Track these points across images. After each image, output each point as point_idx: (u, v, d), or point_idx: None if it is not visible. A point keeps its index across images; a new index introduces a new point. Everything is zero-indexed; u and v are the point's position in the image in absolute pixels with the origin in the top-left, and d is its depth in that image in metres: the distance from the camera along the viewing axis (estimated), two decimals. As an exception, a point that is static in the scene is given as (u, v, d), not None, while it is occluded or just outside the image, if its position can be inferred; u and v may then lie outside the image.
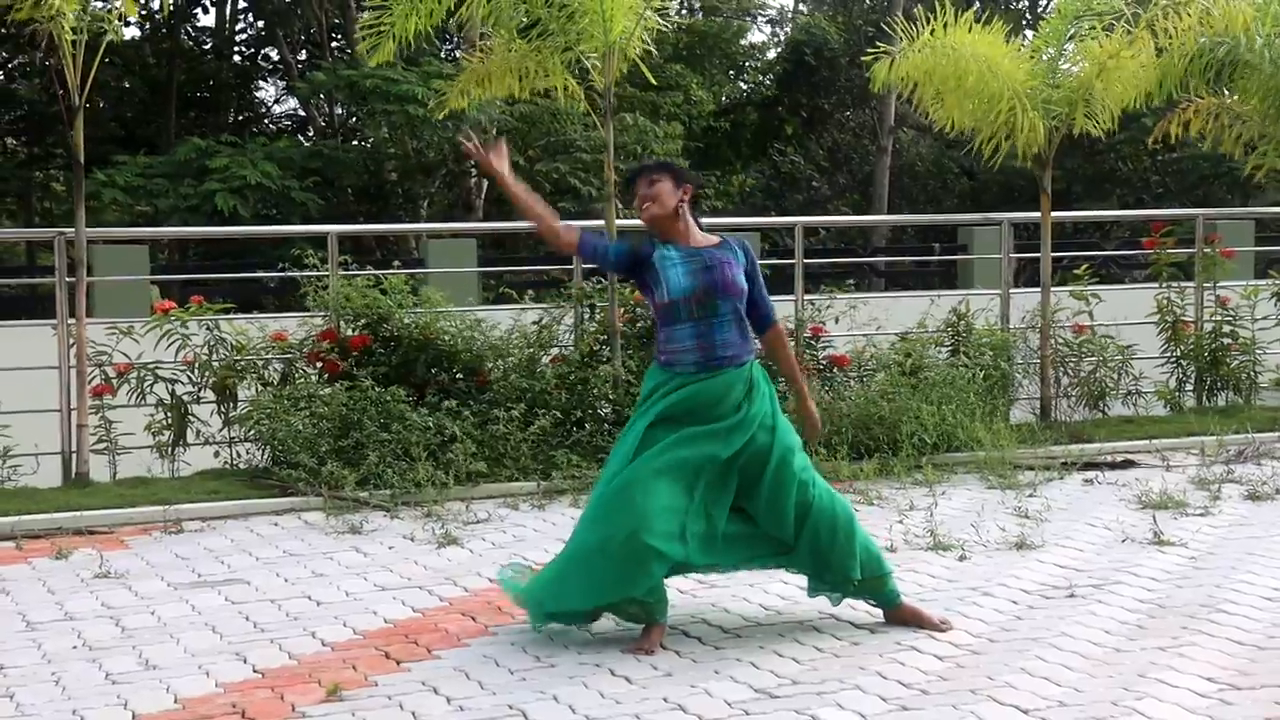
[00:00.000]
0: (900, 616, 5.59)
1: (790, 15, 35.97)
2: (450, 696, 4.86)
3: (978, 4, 27.36)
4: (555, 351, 9.15)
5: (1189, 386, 10.30)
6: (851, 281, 10.32)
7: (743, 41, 32.99)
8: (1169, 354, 10.31)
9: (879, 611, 5.67)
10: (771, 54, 34.39)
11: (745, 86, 33.14)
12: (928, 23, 9.44)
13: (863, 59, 10.03)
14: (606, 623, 5.61)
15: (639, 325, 9.22)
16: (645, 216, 5.47)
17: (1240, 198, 24.16)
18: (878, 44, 9.76)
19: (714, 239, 5.53)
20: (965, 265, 16.23)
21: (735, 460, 5.37)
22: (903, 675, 4.97)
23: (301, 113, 29.76)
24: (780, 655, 5.23)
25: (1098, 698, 4.69)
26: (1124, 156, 26.10)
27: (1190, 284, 10.52)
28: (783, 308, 9.66)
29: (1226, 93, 10.57)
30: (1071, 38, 9.57)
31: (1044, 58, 9.68)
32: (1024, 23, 26.37)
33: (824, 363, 9.37)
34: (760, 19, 35.00)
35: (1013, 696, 4.72)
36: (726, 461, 5.35)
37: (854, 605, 5.75)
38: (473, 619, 5.80)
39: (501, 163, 5.50)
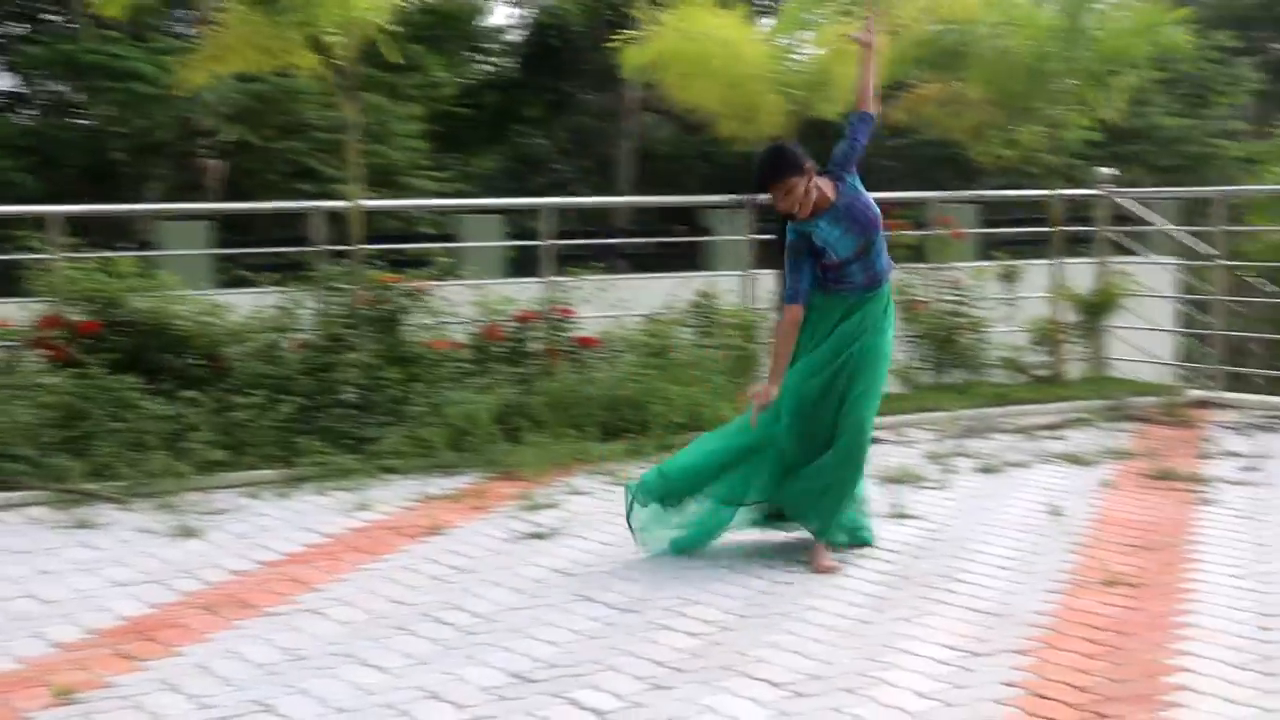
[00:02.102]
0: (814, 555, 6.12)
1: (532, -3, 35.81)
2: (192, 694, 4.67)
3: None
4: (298, 336, 8.90)
5: (924, 364, 10.59)
6: (601, 264, 10.29)
7: (483, 23, 32.71)
8: (905, 333, 10.58)
9: (631, 592, 5.69)
10: (513, 36, 34.20)
11: (487, 68, 32.87)
12: (669, 6, 9.48)
13: (610, 42, 10.00)
14: (351, 611, 5.50)
15: (384, 308, 9.03)
16: (792, 214, 6.03)
17: (965, 181, 25.03)
18: (624, 28, 9.75)
19: (834, 187, 6.09)
20: (707, 247, 16.43)
21: (851, 358, 6.09)
22: (656, 654, 4.98)
23: (20, 89, 28.29)
24: (534, 638, 5.18)
25: (846, 669, 4.78)
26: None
27: (924, 265, 10.83)
28: (529, 290, 9.67)
29: (955, 81, 10.92)
30: (810, 23, 9.73)
31: (784, 42, 9.82)
32: (766, 8, 26.75)
33: (572, 344, 9.34)
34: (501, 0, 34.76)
35: (765, 671, 4.77)
36: (851, 361, 6.09)
37: (609, 588, 5.77)
38: (214, 613, 5.58)
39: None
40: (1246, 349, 12.28)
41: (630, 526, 6.34)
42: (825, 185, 6.08)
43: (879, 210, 6.17)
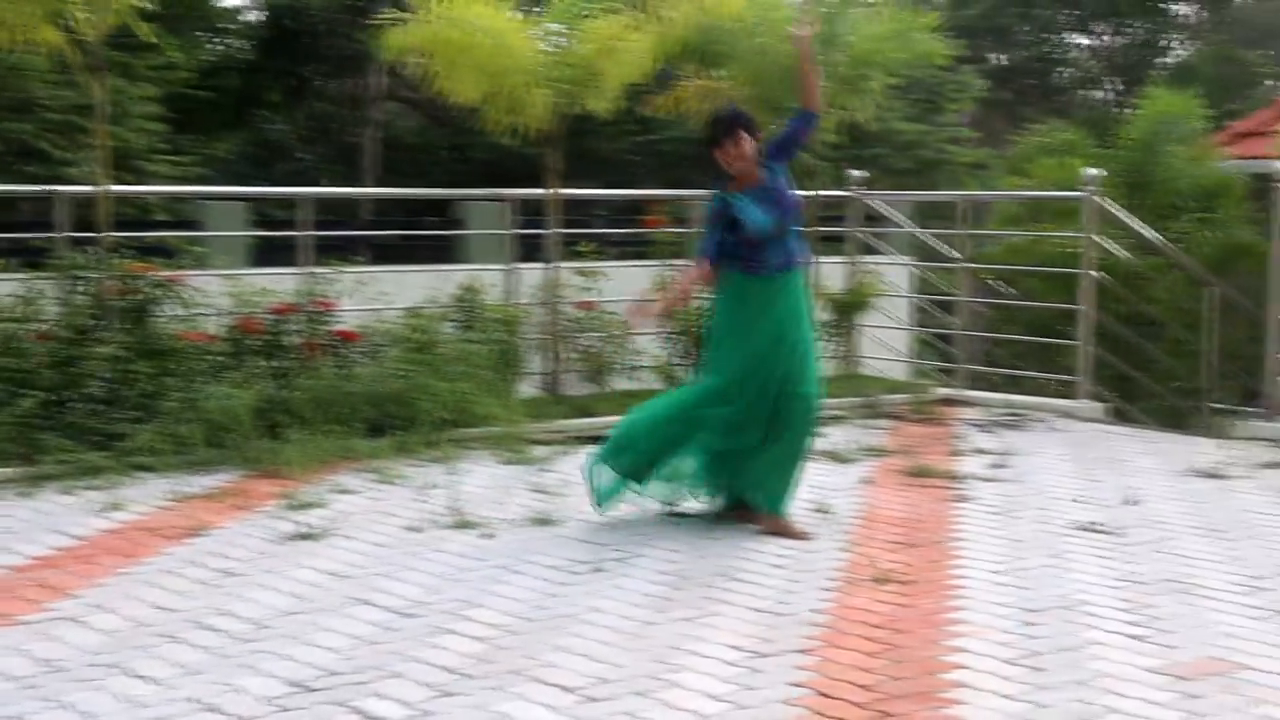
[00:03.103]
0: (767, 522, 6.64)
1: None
2: (-60, 713, 4.38)
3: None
4: (39, 327, 8.42)
5: (682, 360, 10.64)
6: (361, 258, 10.06)
7: (220, 3, 31.72)
8: (664, 329, 10.63)
9: (409, 595, 5.58)
10: (251, 17, 33.25)
11: (224, 50, 31.87)
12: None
13: (352, 27, 9.77)
14: (113, 619, 5.23)
15: (133, 299, 8.62)
16: (733, 170, 6.54)
17: (711, 178, 25.39)
18: (367, 14, 9.52)
19: (764, 171, 6.59)
20: (461, 241, 16.28)
21: (784, 345, 6.59)
22: (442, 659, 4.87)
23: None
24: (312, 645, 5.02)
25: (636, 672, 4.76)
26: (605, 137, 26.92)
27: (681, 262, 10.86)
28: (283, 281, 9.37)
29: (717, 75, 11.03)
30: (580, 16, 9.69)
31: (554, 36, 9.77)
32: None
33: (333, 338, 9.09)
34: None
35: (555, 676, 4.71)
36: (780, 350, 6.58)
37: (385, 590, 5.65)
38: (-41, 623, 5.26)
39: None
40: (988, 348, 12.77)
41: (592, 488, 6.82)
42: (758, 167, 6.62)
43: (797, 200, 6.70)
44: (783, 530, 6.59)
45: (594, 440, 8.68)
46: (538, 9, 10.09)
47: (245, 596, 5.60)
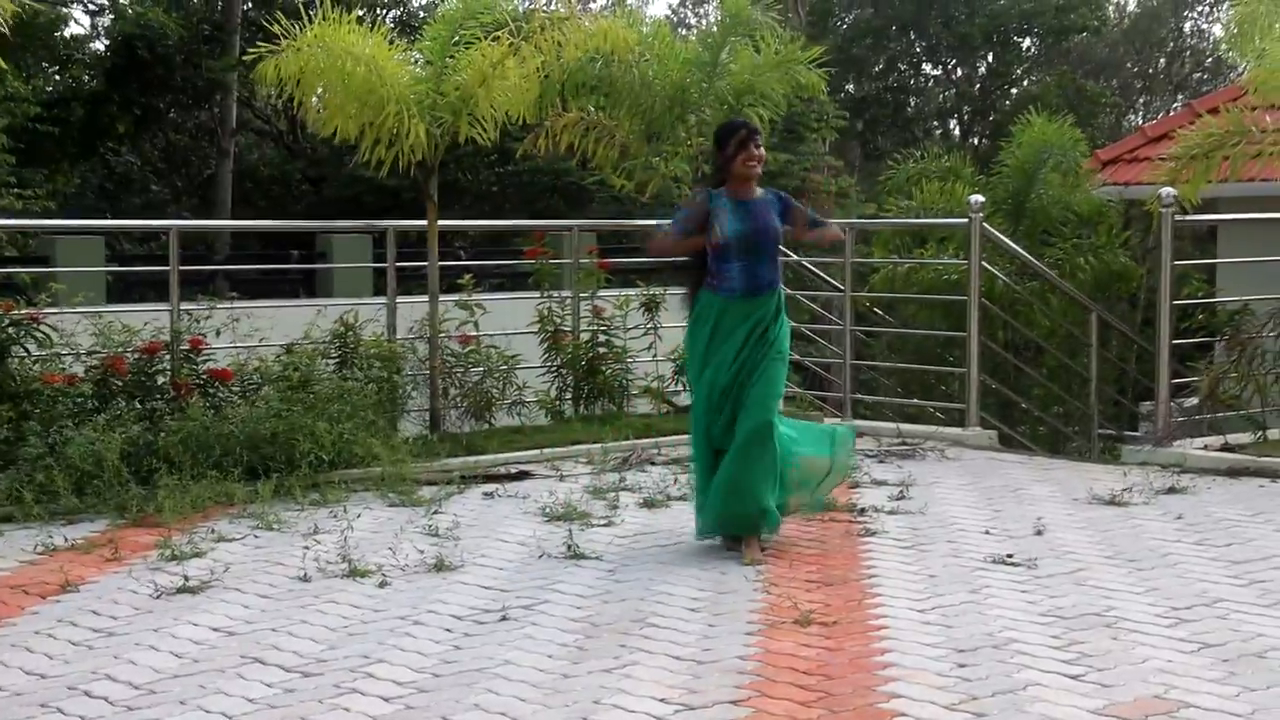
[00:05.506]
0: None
1: (113, 6, 33.82)
2: None
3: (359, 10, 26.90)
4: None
5: (569, 395, 10.37)
6: (234, 293, 9.61)
7: (65, 33, 30.76)
8: (549, 363, 10.34)
9: (306, 650, 5.22)
10: (98, 46, 32.30)
11: (70, 81, 30.89)
12: (307, 21, 8.95)
13: (204, 57, 9.39)
14: None
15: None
16: (751, 173, 6.68)
17: (574, 210, 25.13)
18: (218, 42, 9.14)
19: (760, 191, 6.76)
20: (324, 275, 15.86)
21: (749, 361, 6.65)
22: (349, 724, 4.52)
23: None
24: (206, 710, 4.65)
25: (562, 730, 4.46)
26: (466, 168, 26.59)
27: (567, 294, 10.59)
28: (148, 318, 8.90)
29: (594, 110, 10.87)
30: (456, 44, 9.38)
31: (429, 64, 9.46)
32: (407, 30, 25.98)
33: (204, 378, 8.64)
34: (79, 8, 32.68)
35: (476, 738, 4.39)
36: (745, 363, 6.64)
37: (279, 646, 5.26)
38: None
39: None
40: (872, 378, 12.68)
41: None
42: (756, 186, 6.77)
43: (780, 231, 6.77)
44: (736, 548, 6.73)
45: (487, 480, 8.41)
46: (411, 36, 9.74)
47: (127, 658, 5.19)
